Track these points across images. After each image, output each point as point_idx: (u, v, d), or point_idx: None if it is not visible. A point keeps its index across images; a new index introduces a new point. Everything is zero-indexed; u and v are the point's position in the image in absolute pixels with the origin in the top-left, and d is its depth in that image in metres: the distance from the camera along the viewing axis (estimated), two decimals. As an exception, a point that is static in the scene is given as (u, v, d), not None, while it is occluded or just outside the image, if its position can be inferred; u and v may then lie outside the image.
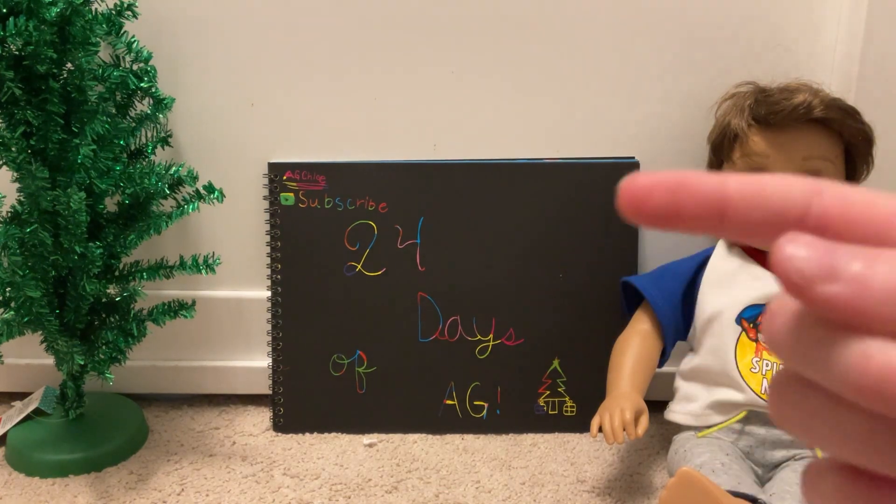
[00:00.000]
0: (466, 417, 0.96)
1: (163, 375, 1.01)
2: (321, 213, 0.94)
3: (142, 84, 0.86)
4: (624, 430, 0.77)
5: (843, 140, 0.83)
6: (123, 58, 0.87)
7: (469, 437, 0.96)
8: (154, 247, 0.95)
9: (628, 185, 0.20)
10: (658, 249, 0.97)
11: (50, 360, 0.91)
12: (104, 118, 0.80)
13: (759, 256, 0.85)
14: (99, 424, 0.92)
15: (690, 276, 0.87)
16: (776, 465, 0.80)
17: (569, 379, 0.96)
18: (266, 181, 0.95)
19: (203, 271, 0.89)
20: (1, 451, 0.93)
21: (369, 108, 0.95)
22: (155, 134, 0.91)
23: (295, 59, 0.93)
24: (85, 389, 0.92)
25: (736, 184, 0.19)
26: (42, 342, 0.86)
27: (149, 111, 0.88)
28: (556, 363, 0.96)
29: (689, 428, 0.83)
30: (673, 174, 0.19)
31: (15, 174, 0.77)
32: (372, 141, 0.95)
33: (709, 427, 0.81)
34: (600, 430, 0.79)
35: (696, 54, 0.92)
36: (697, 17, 0.91)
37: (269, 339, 0.96)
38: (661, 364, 0.87)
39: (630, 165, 0.95)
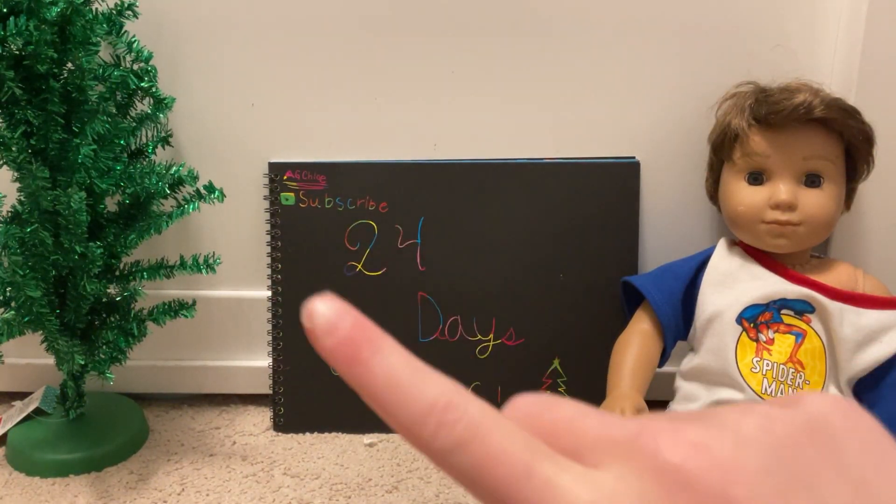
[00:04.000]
0: (466, 417, 0.96)
1: (163, 375, 1.01)
2: (321, 213, 0.94)
3: (142, 84, 0.86)
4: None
5: (843, 140, 0.83)
6: (124, 57, 0.87)
7: (469, 437, 0.95)
8: (154, 246, 0.95)
9: None
10: (658, 249, 0.97)
11: (50, 360, 0.91)
12: (104, 118, 0.80)
13: (759, 256, 0.85)
14: (99, 424, 0.92)
15: (691, 275, 0.87)
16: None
17: (569, 379, 0.96)
18: (266, 181, 0.95)
19: (203, 271, 0.89)
20: (1, 450, 0.93)
21: (369, 108, 0.95)
22: (155, 134, 0.91)
23: (295, 59, 0.93)
24: (85, 389, 0.92)
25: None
26: (42, 342, 0.86)
27: (149, 111, 0.88)
28: (556, 363, 0.96)
29: (689, 428, 0.83)
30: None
31: (15, 174, 0.77)
32: (372, 141, 0.95)
33: (709, 427, 0.81)
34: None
35: (696, 54, 0.92)
36: (697, 17, 0.91)
37: (270, 338, 0.96)
38: (661, 364, 0.87)
39: (630, 165, 0.95)
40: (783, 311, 0.81)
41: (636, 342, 0.86)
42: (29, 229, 0.78)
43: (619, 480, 0.18)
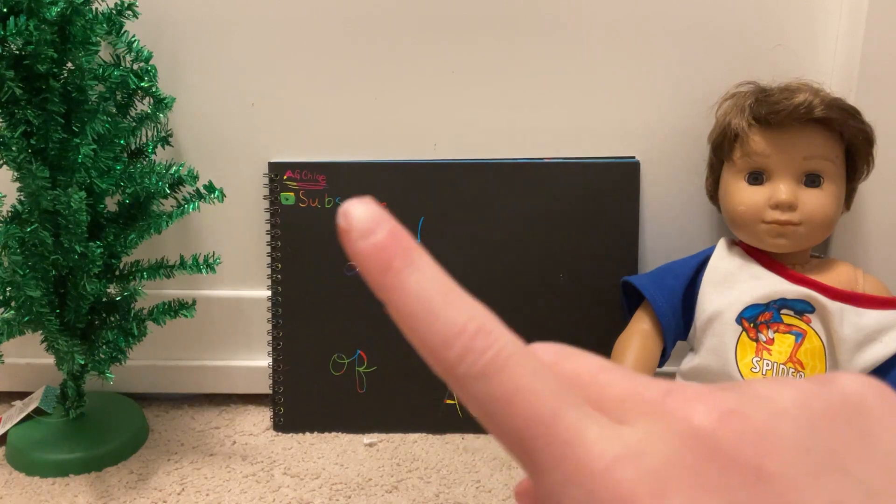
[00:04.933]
0: (467, 417, 0.96)
1: (163, 375, 1.01)
2: (321, 213, 0.94)
3: (142, 83, 0.86)
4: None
5: (843, 140, 0.83)
6: (124, 57, 0.87)
7: (469, 437, 0.96)
8: (154, 246, 0.95)
9: None
10: (658, 249, 0.97)
11: (50, 360, 0.91)
12: (104, 118, 0.80)
13: (759, 256, 0.85)
14: (99, 424, 0.92)
15: (691, 275, 0.87)
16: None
17: (569, 379, 0.96)
18: (266, 181, 0.95)
19: (203, 271, 0.89)
20: (1, 450, 0.93)
21: (369, 107, 0.95)
22: (155, 133, 0.91)
23: (295, 59, 0.93)
24: (85, 389, 0.92)
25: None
26: (42, 342, 0.86)
27: (149, 111, 0.88)
28: (556, 363, 0.96)
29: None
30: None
31: (15, 174, 0.77)
32: (372, 141, 0.95)
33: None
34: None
35: (696, 54, 0.92)
36: (697, 17, 0.92)
37: (269, 338, 0.96)
38: (661, 364, 0.87)
39: (630, 165, 0.95)
40: (783, 311, 0.81)
41: (636, 342, 0.86)
42: (29, 229, 0.78)
43: (645, 438, 0.17)
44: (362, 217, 0.19)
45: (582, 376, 0.19)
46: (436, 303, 0.19)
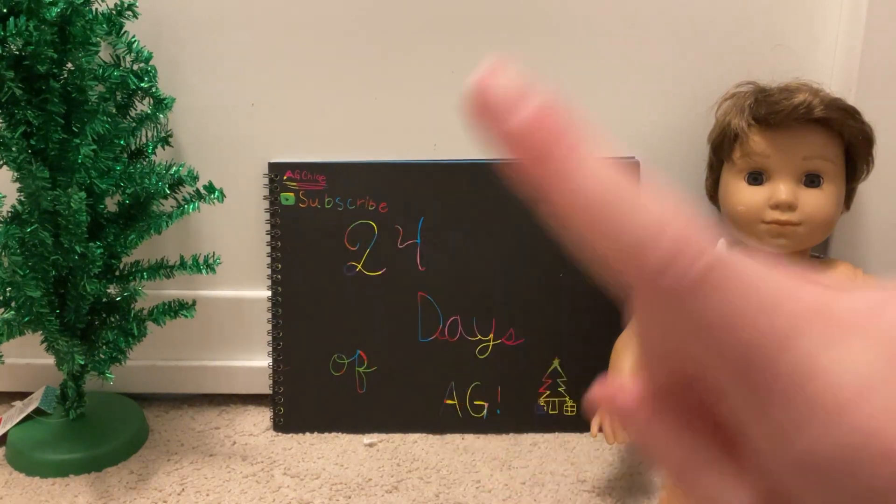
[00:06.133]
0: (467, 417, 0.96)
1: (163, 375, 1.01)
2: (321, 213, 0.94)
3: (142, 84, 0.86)
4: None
5: (843, 140, 0.83)
6: (124, 58, 0.87)
7: (469, 437, 0.96)
8: (154, 247, 0.95)
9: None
10: (658, 249, 0.97)
11: (50, 360, 0.91)
12: (104, 118, 0.80)
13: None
14: (99, 424, 0.92)
15: (690, 275, 0.87)
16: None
17: (569, 379, 0.96)
18: (266, 181, 0.95)
19: (203, 271, 0.89)
20: (1, 450, 0.93)
21: (369, 108, 0.95)
22: (155, 134, 0.91)
23: (295, 59, 0.93)
24: (85, 389, 0.92)
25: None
26: (42, 342, 0.86)
27: (149, 111, 0.88)
28: (556, 363, 0.96)
29: (689, 428, 0.83)
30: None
31: (15, 174, 0.77)
32: (372, 141, 0.95)
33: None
34: (600, 429, 0.79)
35: (696, 54, 0.92)
36: (697, 17, 0.91)
37: (269, 338, 0.96)
38: (661, 364, 0.87)
39: (630, 165, 0.95)
40: (783, 311, 0.81)
41: (636, 342, 0.85)
42: (29, 229, 0.78)
43: (878, 367, 0.15)
44: (506, 83, 0.14)
45: (783, 286, 0.16)
46: (629, 190, 0.14)
